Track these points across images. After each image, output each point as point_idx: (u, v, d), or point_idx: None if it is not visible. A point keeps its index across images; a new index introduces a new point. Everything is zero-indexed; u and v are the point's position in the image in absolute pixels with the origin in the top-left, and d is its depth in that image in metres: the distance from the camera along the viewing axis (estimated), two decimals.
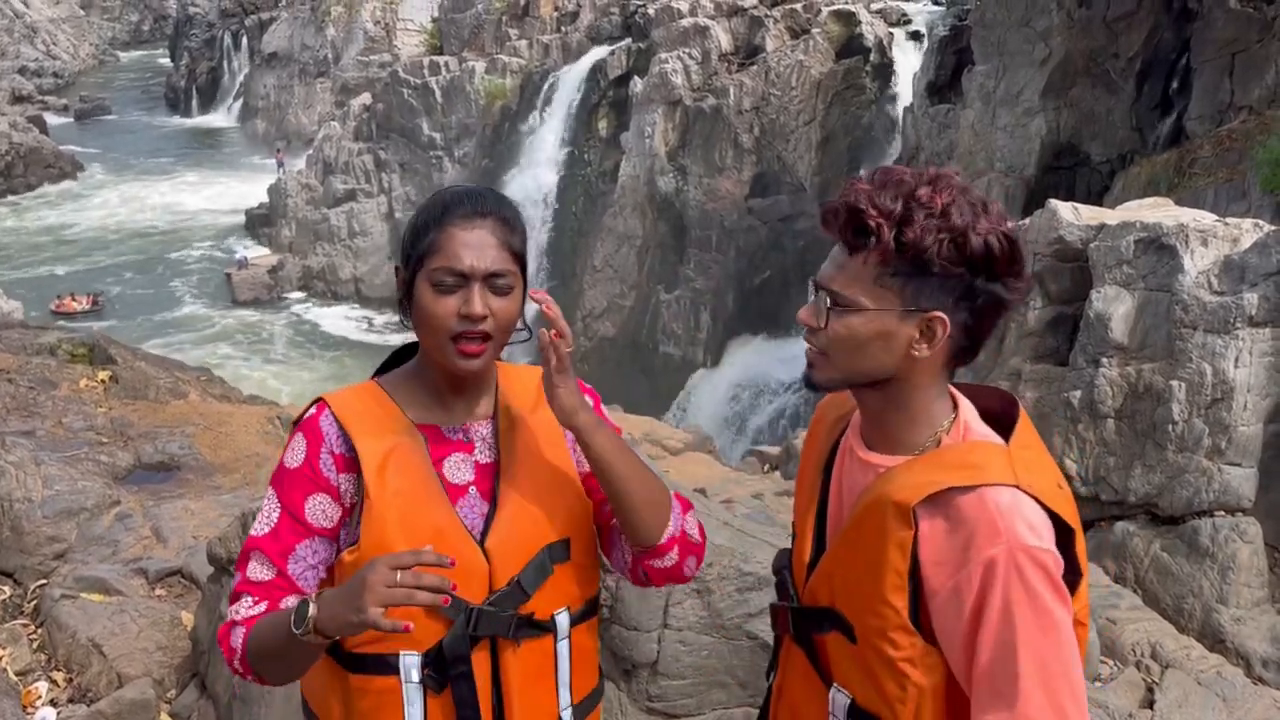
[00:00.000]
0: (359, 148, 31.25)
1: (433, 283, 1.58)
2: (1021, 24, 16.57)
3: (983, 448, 1.51)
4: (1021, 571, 1.38)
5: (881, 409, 1.55)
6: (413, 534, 1.59)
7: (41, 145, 40.44)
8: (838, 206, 1.48)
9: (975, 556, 1.40)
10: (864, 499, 1.52)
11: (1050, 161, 16.25)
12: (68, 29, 57.52)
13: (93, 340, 7.32)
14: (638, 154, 23.77)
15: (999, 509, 1.41)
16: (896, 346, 1.47)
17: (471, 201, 1.62)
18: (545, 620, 1.66)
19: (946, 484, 1.44)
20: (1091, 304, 4.91)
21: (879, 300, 1.45)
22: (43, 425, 6.07)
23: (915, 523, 1.44)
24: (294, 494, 1.63)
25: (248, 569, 1.63)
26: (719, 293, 22.28)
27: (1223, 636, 4.23)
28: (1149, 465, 4.71)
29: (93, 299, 29.64)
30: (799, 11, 22.88)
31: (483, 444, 1.70)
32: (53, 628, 4.40)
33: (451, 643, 1.60)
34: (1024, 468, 1.48)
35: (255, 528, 1.65)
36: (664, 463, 7.36)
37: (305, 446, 1.65)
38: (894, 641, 1.48)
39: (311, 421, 1.66)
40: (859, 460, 1.59)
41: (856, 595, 1.51)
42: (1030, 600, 1.38)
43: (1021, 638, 1.38)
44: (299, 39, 41.24)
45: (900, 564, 1.45)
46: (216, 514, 5.44)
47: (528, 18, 29.66)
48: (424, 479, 1.63)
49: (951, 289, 1.45)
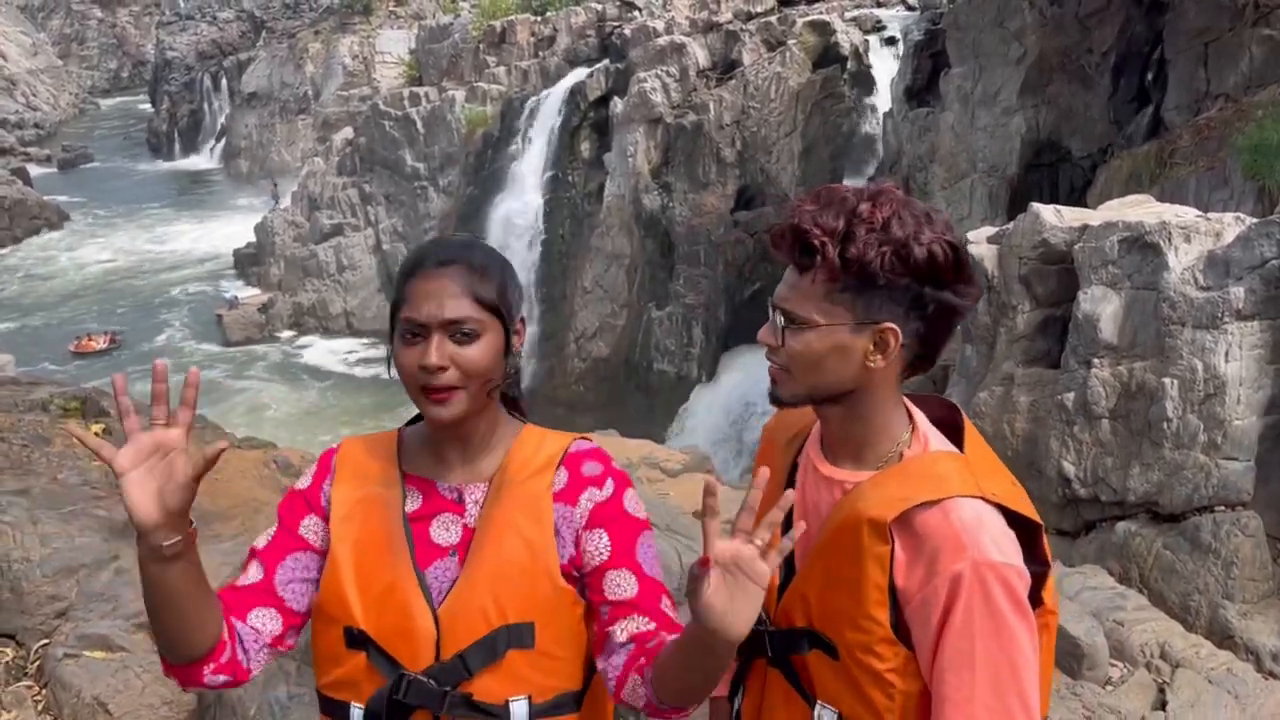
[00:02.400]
0: (343, 182, 31.30)
1: (400, 335, 1.59)
2: (995, 25, 16.68)
3: (945, 459, 1.54)
4: (985, 585, 1.42)
5: (843, 422, 1.58)
6: (365, 586, 1.58)
7: (25, 197, 40.46)
8: (784, 229, 1.53)
9: (941, 570, 1.44)
10: (836, 517, 1.54)
11: (1032, 159, 16.32)
12: (46, 79, 57.61)
13: (84, 394, 7.30)
14: (621, 173, 23.84)
15: (962, 524, 1.45)
16: (853, 359, 1.50)
17: (439, 251, 1.61)
18: (494, 705, 1.57)
19: (918, 498, 1.47)
20: (1079, 305, 4.93)
21: (831, 316, 1.49)
22: (38, 483, 6.03)
23: (891, 538, 1.47)
24: (293, 511, 1.67)
25: (241, 577, 1.66)
26: (710, 307, 22.30)
27: (1231, 632, 4.22)
28: (1146, 464, 4.71)
29: (111, 337, 30.23)
30: (774, 24, 23.00)
31: (475, 507, 1.65)
32: (57, 688, 4.36)
33: (373, 703, 1.58)
34: (984, 475, 1.52)
35: (256, 542, 1.70)
36: (663, 485, 7.34)
37: (314, 475, 1.71)
38: (879, 654, 1.50)
39: (326, 456, 1.73)
40: (823, 477, 1.61)
41: (837, 613, 1.53)
42: (990, 614, 1.42)
43: (979, 648, 1.42)
44: (278, 77, 41.37)
45: (880, 578, 1.48)
46: (217, 563, 5.39)
47: (505, 44, 29.78)
48: (388, 533, 1.61)
49: (900, 299, 1.48)
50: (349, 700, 1.59)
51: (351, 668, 1.59)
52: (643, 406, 22.22)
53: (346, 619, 1.58)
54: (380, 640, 1.57)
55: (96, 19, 65.62)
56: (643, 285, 23.88)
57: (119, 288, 35.04)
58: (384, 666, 1.56)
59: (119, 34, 66.29)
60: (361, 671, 1.58)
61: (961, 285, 1.48)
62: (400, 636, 1.56)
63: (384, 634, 1.57)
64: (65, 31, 64.55)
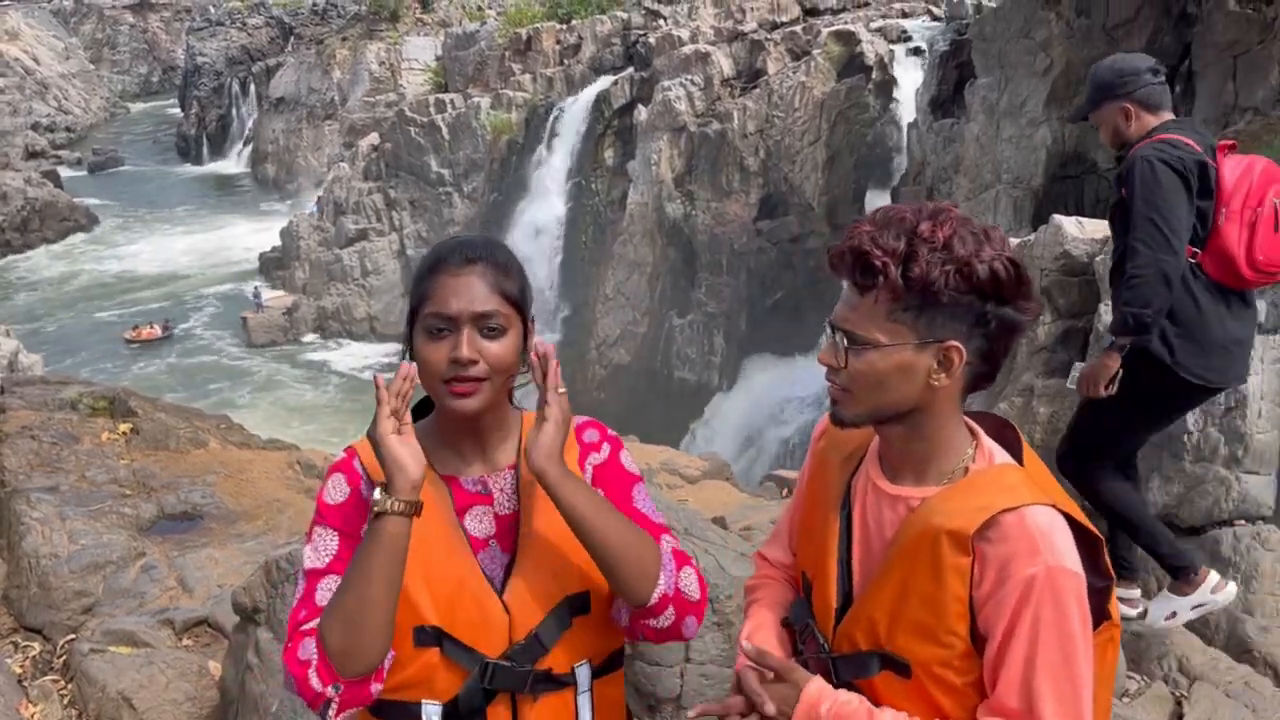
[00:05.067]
0: (368, 187, 31.53)
1: (425, 329, 1.61)
2: (1021, 35, 16.62)
3: (1012, 471, 1.56)
4: (1056, 591, 1.44)
5: (905, 440, 1.58)
6: (435, 583, 1.61)
7: (56, 199, 40.96)
8: (844, 250, 1.53)
9: (1015, 575, 1.45)
10: (908, 533, 1.54)
11: (1057, 171, 16.25)
12: (78, 84, 58.36)
13: (113, 393, 7.40)
14: (645, 181, 23.89)
15: (1039, 529, 1.47)
16: (916, 378, 1.51)
17: (463, 249, 1.65)
18: (564, 674, 1.66)
19: (996, 508, 1.48)
20: (1100, 317, 4.91)
21: (894, 335, 1.50)
22: (66, 480, 6.13)
23: (972, 549, 1.48)
24: (349, 521, 1.65)
25: (317, 597, 1.60)
26: (731, 315, 22.30)
27: (1249, 646, 4.19)
28: (1167, 476, 4.69)
29: (165, 326, 31.30)
30: (799, 34, 23.02)
31: (502, 495, 1.71)
32: (83, 682, 4.43)
33: (466, 696, 1.62)
34: (1047, 488, 1.54)
35: (312, 560, 1.64)
36: (682, 491, 7.36)
37: (346, 482, 1.68)
38: (958, 669, 1.51)
39: (347, 464, 1.70)
40: (885, 495, 1.61)
41: (913, 630, 1.53)
42: (1058, 621, 1.44)
43: (1042, 655, 1.44)
44: (305, 83, 41.73)
45: (961, 591, 1.49)
46: (241, 561, 5.48)
47: (530, 52, 29.93)
48: (447, 529, 1.65)
49: (963, 317, 1.49)
50: (419, 699, 1.62)
51: (421, 666, 1.61)
52: (663, 414, 22.22)
53: (416, 619, 1.60)
54: (456, 634, 1.61)
55: (128, 24, 66.44)
56: (664, 293, 23.91)
57: (146, 290, 35.40)
58: (464, 658, 1.60)
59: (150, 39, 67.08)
60: (433, 668, 1.61)
61: (1022, 301, 1.50)
62: (476, 628, 1.61)
63: (460, 628, 1.61)
64: (97, 36, 65.39)
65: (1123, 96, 3.49)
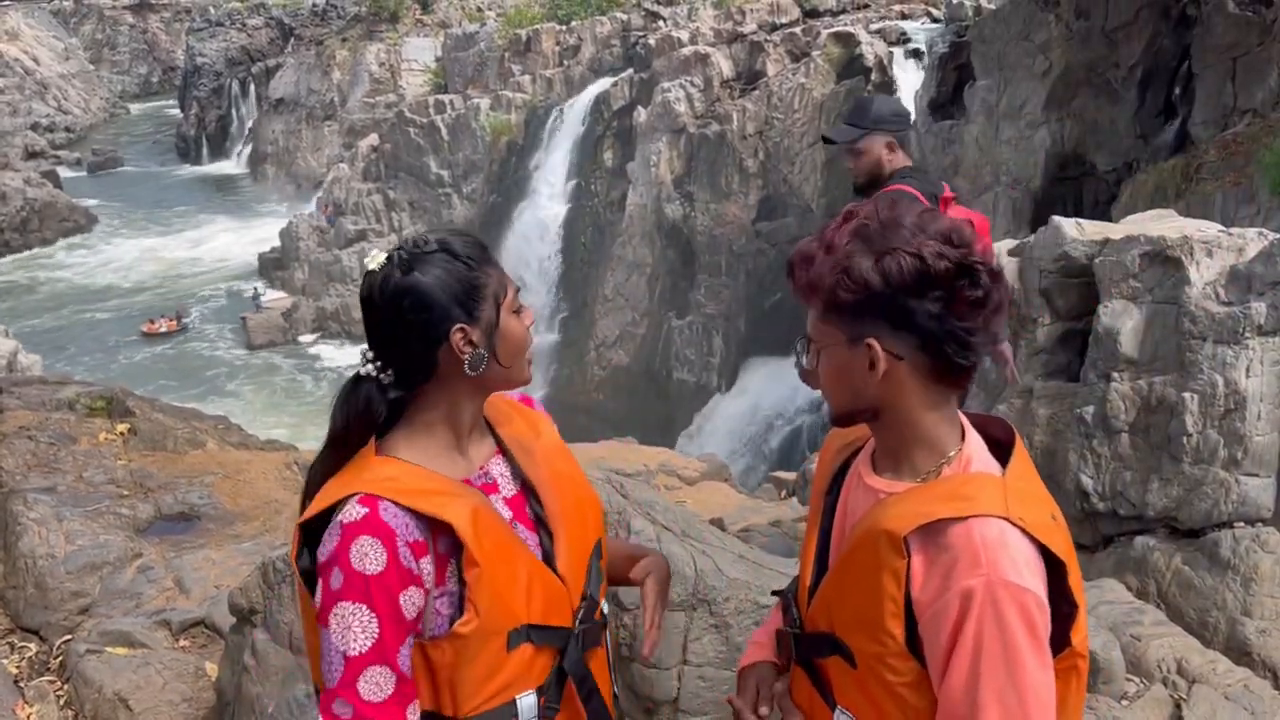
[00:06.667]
0: (368, 188, 31.55)
1: (513, 310, 1.70)
2: (1020, 38, 16.64)
3: (978, 479, 1.53)
4: (997, 605, 1.40)
5: (884, 436, 1.60)
6: (517, 586, 1.64)
7: (56, 199, 40.93)
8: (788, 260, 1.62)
9: (954, 585, 1.42)
10: (861, 526, 1.56)
11: (1056, 173, 16.26)
12: (78, 84, 58.34)
13: (110, 393, 7.39)
14: (644, 183, 23.90)
15: (984, 541, 1.43)
16: (857, 376, 1.53)
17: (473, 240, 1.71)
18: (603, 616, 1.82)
19: (937, 515, 1.47)
20: (1100, 319, 4.91)
21: (828, 338, 1.54)
22: (64, 480, 6.11)
23: (908, 552, 1.47)
24: (389, 596, 1.53)
25: (361, 690, 1.52)
26: (730, 317, 22.31)
27: (1248, 649, 4.19)
28: (1166, 478, 4.68)
29: (178, 319, 31.71)
30: (798, 35, 23.03)
31: (504, 480, 1.75)
32: (79, 683, 4.42)
33: (573, 665, 1.71)
34: (1017, 500, 1.49)
35: (352, 647, 1.52)
36: (680, 493, 7.35)
37: (383, 548, 1.54)
38: (893, 668, 1.50)
39: (374, 522, 1.55)
40: (864, 485, 1.63)
41: (855, 622, 1.54)
42: (1001, 635, 1.40)
43: (985, 671, 1.40)
44: (305, 84, 41.73)
45: (896, 592, 1.48)
46: (237, 562, 5.46)
47: (530, 53, 29.94)
48: (506, 530, 1.67)
49: (880, 314, 1.48)
50: (513, 697, 1.65)
51: (514, 666, 1.64)
52: (662, 415, 22.23)
53: (513, 624, 1.63)
54: (539, 621, 1.67)
55: (128, 25, 66.39)
56: (663, 294, 23.92)
57: (146, 290, 35.40)
58: (554, 639, 1.69)
59: (150, 40, 67.05)
60: (525, 663, 1.65)
61: (942, 293, 1.46)
62: (550, 607, 1.68)
63: (539, 615, 1.67)
64: (97, 37, 65.33)
65: (893, 131, 3.76)
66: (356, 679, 1.53)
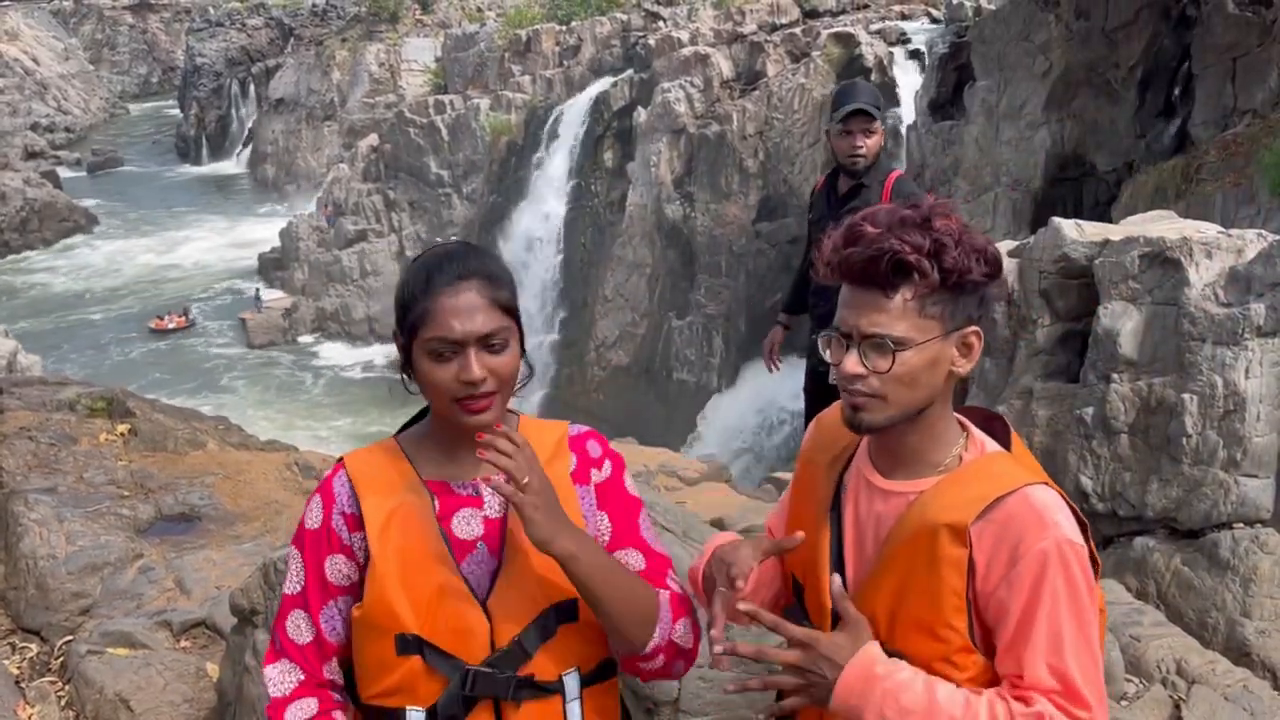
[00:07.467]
0: (368, 188, 31.54)
1: (428, 352, 1.60)
2: (1020, 38, 16.64)
3: (1001, 457, 1.58)
4: (1066, 564, 1.46)
5: (903, 436, 1.58)
6: (414, 592, 1.62)
7: (55, 199, 40.91)
8: (867, 255, 1.50)
9: (1027, 551, 1.47)
10: (904, 527, 1.54)
11: (1056, 173, 16.25)
12: (78, 84, 58.32)
13: (111, 394, 7.39)
14: (644, 183, 23.90)
15: (1044, 505, 1.49)
16: (941, 370, 1.53)
17: (454, 264, 1.62)
18: (550, 681, 1.65)
19: (994, 495, 1.50)
20: (1099, 320, 4.91)
21: (926, 331, 1.51)
22: (64, 481, 6.12)
23: (969, 540, 1.49)
24: (316, 555, 1.69)
25: (287, 627, 1.69)
26: (730, 317, 22.30)
27: (1248, 650, 4.20)
28: (1165, 479, 4.69)
29: (186, 315, 31.97)
30: (798, 35, 23.03)
31: (492, 498, 1.70)
32: (80, 684, 4.43)
33: (445, 703, 1.62)
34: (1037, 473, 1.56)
35: (288, 585, 1.71)
36: (681, 493, 7.36)
37: (321, 508, 1.70)
38: (957, 664, 1.51)
39: (327, 483, 1.72)
40: (880, 491, 1.60)
41: (911, 624, 1.53)
42: (1072, 594, 1.46)
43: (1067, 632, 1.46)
44: (305, 84, 41.72)
45: (958, 584, 1.49)
46: (238, 563, 5.46)
47: (530, 53, 29.93)
48: (427, 538, 1.65)
49: (975, 302, 1.54)
50: (403, 705, 1.64)
51: (404, 674, 1.62)
52: (662, 415, 22.22)
53: (397, 627, 1.61)
54: (437, 641, 1.62)
55: (128, 25, 66.38)
56: (663, 294, 23.92)
57: (146, 291, 35.39)
58: (444, 665, 1.61)
59: (149, 40, 67.04)
60: (416, 676, 1.62)
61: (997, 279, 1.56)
62: (457, 635, 1.61)
63: (440, 635, 1.62)
64: (96, 37, 65.32)
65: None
66: (285, 617, 1.70)
